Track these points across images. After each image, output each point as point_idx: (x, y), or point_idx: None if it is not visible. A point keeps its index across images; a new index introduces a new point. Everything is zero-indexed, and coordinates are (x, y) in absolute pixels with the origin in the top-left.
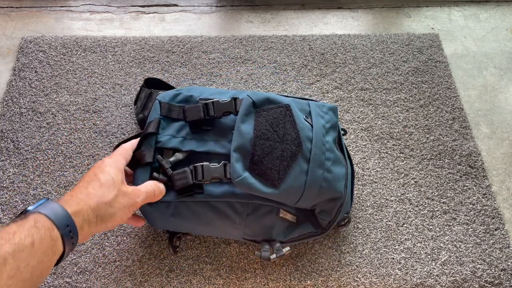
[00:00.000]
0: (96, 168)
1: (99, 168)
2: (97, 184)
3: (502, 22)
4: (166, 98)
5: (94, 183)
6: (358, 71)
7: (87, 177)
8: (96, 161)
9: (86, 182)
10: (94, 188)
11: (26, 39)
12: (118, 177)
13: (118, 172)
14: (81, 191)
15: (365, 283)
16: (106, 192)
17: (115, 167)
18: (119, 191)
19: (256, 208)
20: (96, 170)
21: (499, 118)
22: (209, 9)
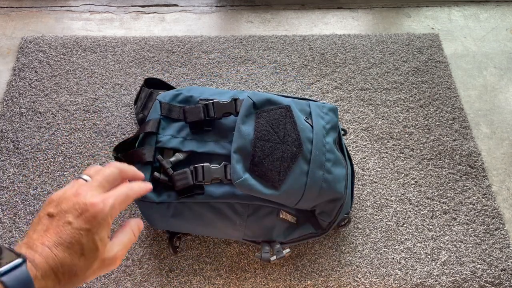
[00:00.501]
0: (84, 221)
1: (89, 224)
2: (76, 253)
3: (502, 22)
4: (167, 98)
5: (74, 247)
6: (358, 71)
7: (69, 230)
8: (96, 161)
9: (66, 240)
10: (72, 256)
11: (26, 39)
12: (104, 242)
13: (107, 233)
14: (55, 254)
15: (365, 283)
16: (83, 265)
17: (107, 226)
18: (98, 262)
19: (256, 209)
20: (84, 224)
21: (499, 118)
22: (209, 9)
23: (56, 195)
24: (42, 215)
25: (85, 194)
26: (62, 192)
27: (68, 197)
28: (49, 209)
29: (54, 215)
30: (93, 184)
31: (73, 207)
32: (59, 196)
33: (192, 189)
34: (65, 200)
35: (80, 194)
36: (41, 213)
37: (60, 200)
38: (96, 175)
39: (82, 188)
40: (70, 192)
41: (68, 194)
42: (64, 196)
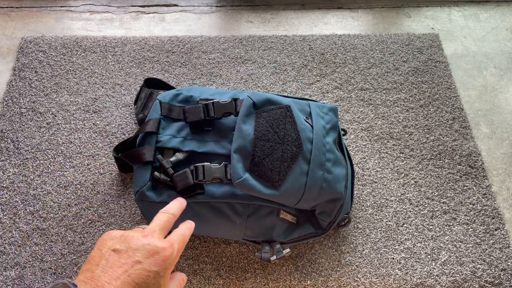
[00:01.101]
0: (154, 263)
1: (158, 267)
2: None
3: (502, 22)
4: (167, 98)
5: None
6: (358, 71)
7: (139, 270)
8: (96, 161)
9: (134, 279)
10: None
11: (26, 39)
12: (166, 286)
13: (168, 278)
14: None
15: (365, 283)
16: None
17: (170, 271)
18: None
19: (256, 209)
20: (154, 266)
21: (499, 118)
22: (209, 9)
23: (116, 233)
24: (106, 250)
25: (152, 236)
26: (122, 232)
27: (135, 237)
28: (116, 246)
29: (122, 252)
30: (155, 228)
31: (144, 247)
32: (122, 234)
33: (192, 189)
34: (132, 239)
35: (148, 236)
36: (103, 248)
37: (126, 238)
38: (156, 220)
39: (147, 231)
40: (136, 233)
41: (134, 234)
42: (131, 235)
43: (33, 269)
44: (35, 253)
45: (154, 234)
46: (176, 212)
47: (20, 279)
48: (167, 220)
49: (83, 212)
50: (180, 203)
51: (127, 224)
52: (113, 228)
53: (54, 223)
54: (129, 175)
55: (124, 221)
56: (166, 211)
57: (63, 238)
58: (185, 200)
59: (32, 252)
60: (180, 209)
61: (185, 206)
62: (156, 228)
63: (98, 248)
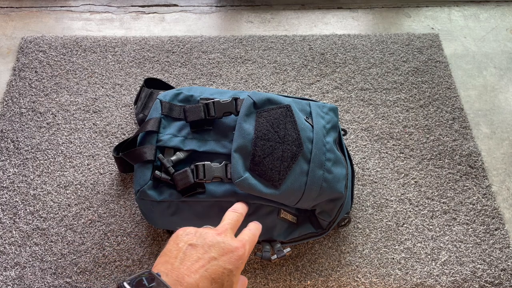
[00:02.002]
0: (229, 261)
1: (232, 265)
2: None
3: (502, 22)
4: (167, 98)
5: (217, 283)
6: (358, 71)
7: (215, 266)
8: (96, 161)
9: (211, 274)
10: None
11: (26, 39)
12: (237, 284)
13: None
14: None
15: (365, 283)
16: None
17: (241, 270)
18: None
19: (257, 209)
20: (228, 264)
21: (499, 118)
22: (209, 9)
23: (191, 229)
24: (183, 244)
25: (225, 235)
26: (196, 228)
27: (210, 233)
28: (192, 240)
29: (198, 246)
30: (227, 227)
31: (219, 245)
32: (197, 230)
33: (193, 188)
34: (208, 236)
35: (222, 234)
36: (180, 242)
37: (202, 234)
38: (226, 219)
39: (220, 229)
40: (210, 231)
41: (208, 231)
42: (205, 232)
43: (33, 269)
44: (35, 253)
45: (227, 232)
46: (244, 212)
47: (20, 279)
48: (237, 219)
49: (83, 212)
50: (244, 205)
51: (127, 224)
52: (112, 228)
53: (54, 223)
54: (129, 175)
55: (124, 221)
56: (235, 210)
57: (63, 238)
58: (247, 204)
59: (32, 252)
60: (246, 210)
61: (248, 208)
62: (227, 226)
63: (175, 242)
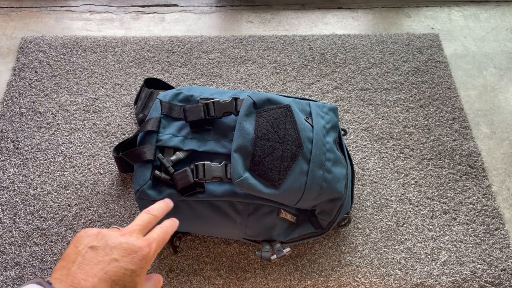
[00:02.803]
0: (131, 261)
1: (135, 266)
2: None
3: (502, 22)
4: (167, 98)
5: (117, 286)
6: (358, 71)
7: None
8: (96, 161)
9: (111, 277)
10: None
11: (26, 39)
12: (141, 285)
13: (144, 276)
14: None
15: (365, 283)
16: None
17: (146, 270)
18: None
19: (257, 208)
20: (131, 265)
21: (499, 118)
22: (209, 9)
23: (93, 230)
24: (82, 247)
25: (130, 235)
26: (99, 230)
27: (113, 235)
28: (93, 242)
29: (99, 249)
30: (134, 228)
31: (121, 245)
32: (99, 231)
33: (193, 187)
34: (110, 237)
35: (125, 235)
36: (79, 245)
37: (103, 235)
38: (136, 220)
39: (125, 230)
40: (114, 232)
41: (112, 232)
42: (108, 233)
43: (33, 269)
44: (35, 253)
45: (133, 233)
46: (159, 214)
47: (20, 279)
48: (149, 221)
49: (83, 212)
50: (166, 204)
51: (127, 224)
52: None
53: (54, 223)
54: (129, 175)
55: (124, 221)
56: (148, 212)
57: (63, 238)
58: (172, 203)
59: (32, 252)
60: (165, 211)
61: (171, 208)
62: (136, 228)
63: (74, 245)
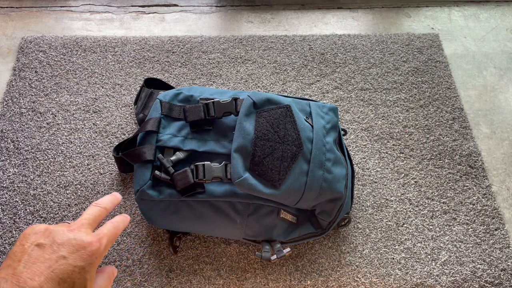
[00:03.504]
0: (80, 258)
1: (84, 262)
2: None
3: (502, 22)
4: (167, 98)
5: (66, 283)
6: (358, 71)
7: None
8: (96, 161)
9: (58, 275)
10: None
11: (26, 39)
12: (92, 281)
13: (95, 272)
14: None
15: (365, 283)
16: None
17: (97, 265)
18: None
19: (257, 209)
20: (79, 261)
21: (499, 118)
22: (209, 9)
23: (40, 227)
24: (29, 245)
25: (78, 231)
26: (46, 226)
27: (60, 231)
28: (39, 240)
29: (46, 246)
30: (83, 222)
31: (69, 242)
32: (46, 228)
33: (193, 187)
34: (57, 233)
35: (74, 230)
36: (26, 243)
37: (51, 232)
38: (85, 214)
39: (74, 225)
40: (61, 227)
41: (59, 228)
42: (56, 230)
43: None
44: None
45: (81, 228)
46: (109, 206)
47: None
48: (98, 214)
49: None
50: (115, 197)
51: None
52: None
53: (54, 223)
54: (129, 175)
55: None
56: (97, 204)
57: None
58: (120, 196)
59: None
60: (114, 204)
61: (119, 201)
62: (84, 221)
63: (21, 243)
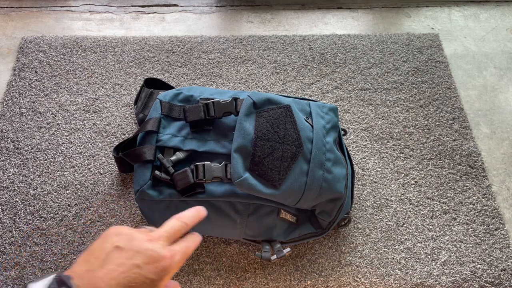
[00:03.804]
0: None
1: (155, 275)
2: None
3: (502, 22)
4: (167, 98)
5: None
6: (358, 71)
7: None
8: (96, 161)
9: (130, 282)
10: None
11: (26, 39)
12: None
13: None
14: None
15: (365, 283)
16: None
17: (166, 281)
18: None
19: (257, 209)
20: (151, 274)
21: (499, 118)
22: (209, 9)
23: (123, 229)
24: (109, 245)
25: (156, 242)
26: (128, 230)
27: (140, 238)
28: (120, 242)
29: (124, 251)
30: (162, 234)
31: (146, 252)
32: (128, 233)
33: (193, 187)
34: (136, 240)
35: (153, 241)
36: (107, 243)
37: (131, 237)
38: (165, 226)
39: (153, 235)
40: (142, 235)
41: (139, 236)
42: (136, 236)
43: (33, 269)
44: (35, 253)
45: (160, 240)
46: (190, 222)
47: (20, 279)
48: (178, 228)
49: (83, 212)
50: (199, 213)
51: (127, 224)
52: None
53: (54, 223)
54: (129, 175)
55: (124, 221)
56: (179, 219)
57: (63, 238)
58: (205, 212)
59: (32, 252)
60: (196, 220)
61: (203, 216)
62: (163, 234)
63: (102, 241)
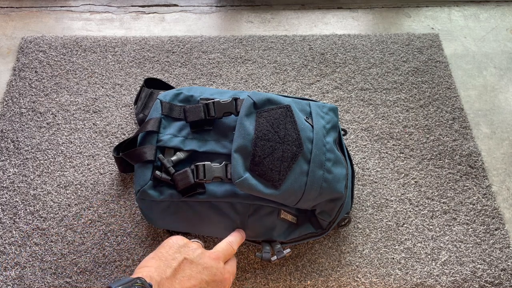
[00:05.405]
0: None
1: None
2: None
3: (502, 22)
4: (167, 98)
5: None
6: (358, 71)
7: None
8: (96, 161)
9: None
10: None
11: (26, 39)
12: None
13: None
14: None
15: (365, 283)
16: None
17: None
18: None
19: (257, 209)
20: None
21: (499, 118)
22: (209, 9)
23: (192, 244)
24: (180, 256)
25: (218, 262)
26: (197, 244)
27: (206, 255)
28: (190, 255)
29: (193, 263)
30: (220, 255)
31: (211, 269)
32: (198, 246)
33: (193, 188)
34: (203, 256)
35: (216, 260)
36: (177, 253)
37: (201, 252)
38: (219, 247)
39: (215, 254)
40: (205, 252)
41: (204, 252)
42: (203, 252)
43: (33, 269)
44: (35, 253)
45: (220, 260)
46: (236, 248)
47: (20, 279)
48: (230, 252)
49: (83, 212)
50: (241, 237)
51: (127, 224)
52: (112, 228)
53: (54, 223)
54: (129, 175)
55: (124, 221)
56: (231, 244)
57: (63, 238)
58: (245, 235)
59: (32, 252)
60: (240, 243)
61: (243, 239)
62: (221, 255)
63: (171, 249)
